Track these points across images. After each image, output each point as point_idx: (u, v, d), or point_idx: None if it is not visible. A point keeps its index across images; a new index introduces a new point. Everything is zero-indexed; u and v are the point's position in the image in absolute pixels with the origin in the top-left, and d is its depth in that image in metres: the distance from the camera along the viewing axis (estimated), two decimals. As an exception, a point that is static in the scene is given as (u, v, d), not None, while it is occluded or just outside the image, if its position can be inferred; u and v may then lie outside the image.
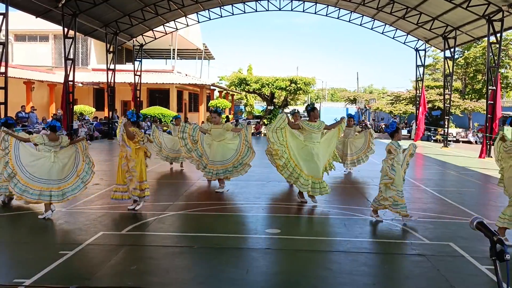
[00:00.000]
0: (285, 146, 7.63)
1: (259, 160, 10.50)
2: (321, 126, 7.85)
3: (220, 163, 8.82)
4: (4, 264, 4.94)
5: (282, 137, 7.62)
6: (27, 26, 28.39)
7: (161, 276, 4.54)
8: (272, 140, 7.56)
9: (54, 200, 6.73)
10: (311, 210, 7.59)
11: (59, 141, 6.90)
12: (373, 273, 4.80)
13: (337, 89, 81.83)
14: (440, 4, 18.52)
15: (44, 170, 6.71)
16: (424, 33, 23.16)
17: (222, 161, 8.83)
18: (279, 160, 7.61)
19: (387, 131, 7.09)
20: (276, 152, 7.57)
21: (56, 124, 6.96)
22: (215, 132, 8.91)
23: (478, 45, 30.62)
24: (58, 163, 6.80)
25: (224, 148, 8.92)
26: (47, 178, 6.72)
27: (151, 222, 6.54)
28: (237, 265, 4.91)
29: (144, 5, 21.08)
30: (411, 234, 6.13)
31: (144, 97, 30.82)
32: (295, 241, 5.86)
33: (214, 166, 8.83)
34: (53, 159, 6.77)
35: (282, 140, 7.61)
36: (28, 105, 23.61)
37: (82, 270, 4.66)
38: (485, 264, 4.87)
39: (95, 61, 31.80)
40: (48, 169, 6.73)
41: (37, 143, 6.87)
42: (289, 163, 7.64)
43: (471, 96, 33.28)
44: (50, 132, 6.94)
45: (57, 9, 17.51)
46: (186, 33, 31.97)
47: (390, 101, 36.22)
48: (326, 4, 23.57)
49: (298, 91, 32.44)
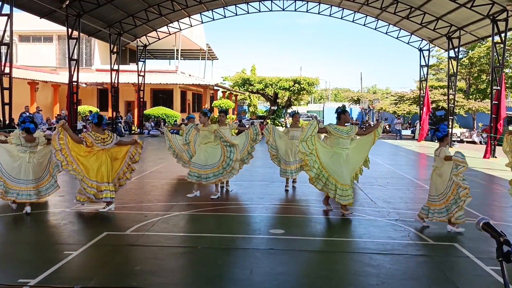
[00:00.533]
0: (315, 154, 6.94)
1: (262, 160, 10.51)
2: (352, 131, 7.07)
3: (204, 167, 8.12)
4: (9, 264, 4.95)
5: (312, 145, 6.91)
6: (31, 27, 28.51)
7: (165, 276, 4.54)
8: (303, 150, 6.85)
9: (33, 199, 6.99)
10: (315, 211, 7.57)
11: (36, 142, 7.07)
12: (378, 274, 4.78)
13: (341, 89, 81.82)
14: (444, 4, 18.47)
15: (21, 170, 6.94)
16: (428, 33, 23.11)
17: (205, 166, 8.12)
18: (310, 171, 6.90)
19: (438, 135, 6.54)
20: (305, 163, 6.92)
21: (30, 126, 7.00)
22: (201, 134, 8.34)
23: (483, 45, 30.50)
24: (33, 163, 7.01)
25: (209, 151, 8.20)
26: (25, 179, 6.95)
27: (155, 223, 6.54)
28: (241, 265, 4.91)
29: (148, 6, 21.13)
30: (416, 235, 6.11)
31: (148, 97, 30.89)
32: (299, 242, 5.85)
33: (201, 170, 8.12)
34: (28, 160, 6.98)
35: (312, 149, 6.91)
36: (32, 105, 23.70)
37: (86, 270, 4.67)
38: (490, 265, 4.85)
39: (99, 61, 31.90)
40: (24, 170, 6.95)
41: (14, 144, 6.99)
42: (321, 173, 6.94)
43: (475, 96, 33.15)
44: (26, 134, 7.00)
45: (61, 10, 17.58)
46: (189, 33, 32.02)
47: (393, 101, 36.17)
48: (329, 4, 23.55)
49: (302, 91, 32.37)
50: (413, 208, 7.88)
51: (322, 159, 6.94)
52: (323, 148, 7.03)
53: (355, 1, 21.61)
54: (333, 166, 6.93)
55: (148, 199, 8.23)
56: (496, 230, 1.91)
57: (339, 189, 6.85)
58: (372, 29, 24.86)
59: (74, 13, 18.29)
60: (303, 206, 7.91)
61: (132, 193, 8.73)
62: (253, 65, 47.97)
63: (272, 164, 9.91)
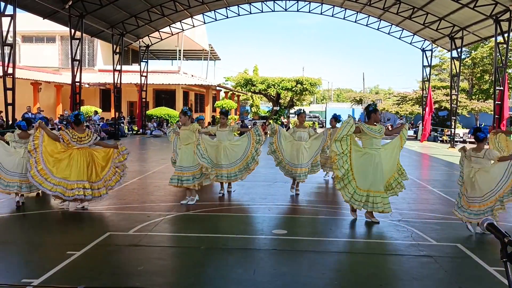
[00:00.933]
0: (347, 155, 6.58)
1: (265, 161, 10.50)
2: (382, 131, 6.73)
3: (187, 169, 7.71)
4: (12, 264, 4.97)
5: (346, 145, 6.54)
6: (34, 28, 28.58)
7: (168, 276, 4.55)
8: (336, 150, 6.48)
9: (24, 190, 7.50)
10: (317, 211, 7.57)
11: (30, 139, 7.33)
12: (381, 274, 4.78)
13: (343, 90, 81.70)
14: (447, 4, 18.43)
15: (15, 164, 7.44)
16: (430, 33, 23.07)
17: (189, 167, 7.70)
18: (338, 170, 6.56)
19: (481, 136, 6.24)
20: (334, 161, 6.57)
21: (21, 124, 7.71)
22: (182, 135, 7.85)
23: (485, 45, 30.42)
24: (27, 158, 7.28)
25: (190, 152, 7.74)
26: (20, 172, 7.42)
27: (157, 223, 6.55)
28: (244, 265, 4.91)
29: (151, 6, 21.16)
30: (419, 235, 6.10)
31: (150, 97, 30.93)
32: (302, 242, 5.85)
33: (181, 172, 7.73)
34: (22, 155, 7.45)
35: (345, 149, 6.54)
36: (35, 106, 23.77)
37: (89, 270, 4.68)
38: (493, 265, 4.84)
39: (101, 62, 31.96)
40: (17, 164, 7.45)
41: (9, 141, 7.67)
42: (347, 174, 6.60)
43: (478, 97, 33.09)
44: (20, 131, 7.65)
45: (64, 11, 17.61)
46: (192, 34, 32.06)
47: (396, 101, 36.12)
48: (332, 5, 23.54)
49: (304, 92, 32.42)
50: (415, 208, 7.87)
51: (353, 160, 6.61)
52: (357, 149, 6.69)
53: (358, 2, 21.58)
54: (360, 167, 6.60)
55: (150, 200, 8.25)
56: (501, 230, 1.90)
57: (357, 193, 6.57)
58: (374, 30, 24.83)
59: (77, 14, 18.33)
60: (305, 206, 7.91)
61: (135, 194, 8.75)
62: (256, 65, 47.99)
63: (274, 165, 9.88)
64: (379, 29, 24.72)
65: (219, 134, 8.60)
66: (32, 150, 7.03)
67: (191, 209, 7.46)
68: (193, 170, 7.70)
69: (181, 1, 21.40)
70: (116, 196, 8.47)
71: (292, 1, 23.59)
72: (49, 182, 6.97)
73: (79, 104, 19.53)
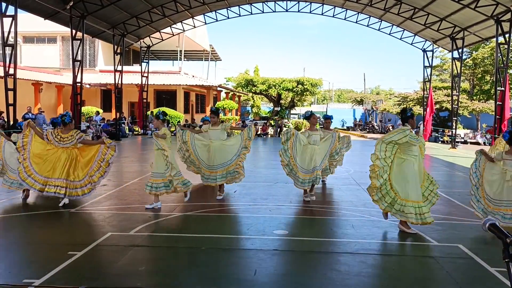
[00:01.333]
0: (388, 164, 6.19)
1: (266, 161, 10.49)
2: (421, 138, 6.38)
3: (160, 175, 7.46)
4: (14, 264, 4.97)
5: (391, 153, 6.19)
6: (35, 28, 28.64)
7: (169, 277, 4.55)
8: (378, 153, 6.14)
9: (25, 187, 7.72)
10: (318, 212, 7.57)
11: (19, 136, 7.72)
12: (382, 275, 4.78)
13: (344, 90, 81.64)
14: (448, 5, 18.43)
15: None
16: (431, 33, 23.06)
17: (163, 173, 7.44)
18: (377, 180, 6.17)
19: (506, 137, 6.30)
20: (373, 169, 6.23)
21: (20, 124, 8.26)
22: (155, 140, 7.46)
23: (486, 46, 30.41)
24: None
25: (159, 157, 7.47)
26: None
27: (159, 223, 6.55)
28: (245, 266, 4.91)
29: (152, 7, 21.18)
30: (420, 236, 6.09)
31: (151, 98, 30.94)
32: (303, 242, 5.85)
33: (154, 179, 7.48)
34: None
35: (388, 157, 6.17)
36: (36, 106, 23.80)
37: (91, 270, 4.68)
38: (495, 266, 4.84)
39: (102, 62, 31.99)
40: None
41: (13, 140, 8.05)
42: (385, 184, 6.22)
43: (479, 97, 33.05)
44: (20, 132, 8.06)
45: (65, 11, 17.64)
46: (193, 34, 32.08)
47: (397, 102, 36.09)
48: (333, 5, 23.54)
49: (305, 92, 32.39)
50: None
51: (393, 170, 6.21)
52: (398, 157, 6.23)
53: (359, 2, 21.59)
54: (399, 175, 6.18)
55: (151, 200, 8.23)
56: (503, 231, 1.90)
57: (397, 203, 6.13)
58: (375, 30, 24.83)
59: (78, 14, 18.36)
60: (307, 207, 7.90)
61: (136, 194, 8.75)
62: (256, 66, 48.07)
63: (275, 165, 9.89)
64: (380, 29, 24.72)
65: (211, 132, 8.53)
66: (20, 148, 7.47)
67: (192, 209, 7.46)
68: (161, 177, 7.42)
69: (182, 1, 21.42)
70: (117, 196, 8.48)
71: (293, 1, 23.61)
72: (32, 179, 7.31)
73: (80, 104, 19.55)
